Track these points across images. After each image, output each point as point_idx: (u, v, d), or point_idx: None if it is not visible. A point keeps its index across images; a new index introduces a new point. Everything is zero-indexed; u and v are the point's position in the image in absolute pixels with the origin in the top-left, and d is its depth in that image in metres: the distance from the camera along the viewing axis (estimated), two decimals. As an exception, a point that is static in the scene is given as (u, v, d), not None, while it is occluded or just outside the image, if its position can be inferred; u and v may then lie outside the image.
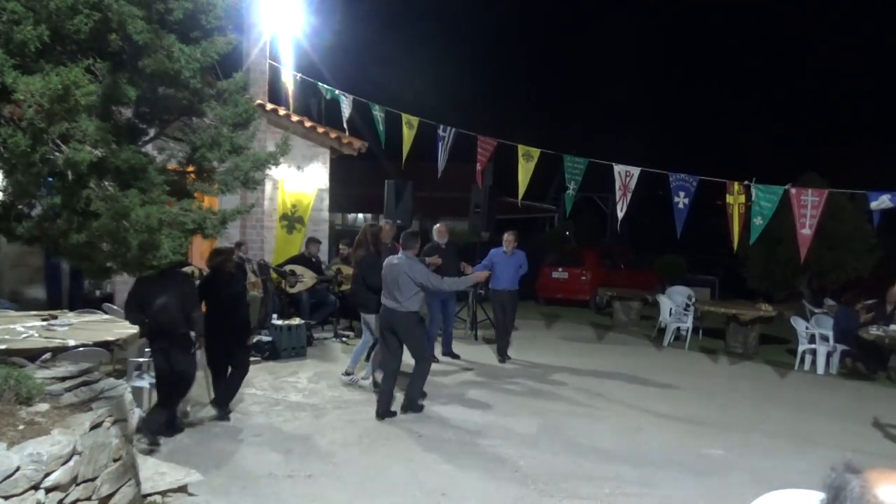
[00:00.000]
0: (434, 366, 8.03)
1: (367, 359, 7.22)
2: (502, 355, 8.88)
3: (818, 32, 25.38)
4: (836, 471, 1.12)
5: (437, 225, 8.99)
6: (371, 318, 6.93)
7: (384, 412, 6.04)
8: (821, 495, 1.14)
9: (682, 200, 7.84)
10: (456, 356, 8.83)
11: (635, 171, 8.11)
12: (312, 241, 10.16)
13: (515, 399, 6.99)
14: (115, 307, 7.55)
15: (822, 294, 13.50)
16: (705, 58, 29.45)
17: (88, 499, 3.04)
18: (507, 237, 8.85)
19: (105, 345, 5.02)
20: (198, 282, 6.29)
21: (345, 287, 9.62)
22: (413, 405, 6.24)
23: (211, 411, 5.93)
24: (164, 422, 5.14)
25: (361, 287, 6.95)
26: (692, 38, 29.76)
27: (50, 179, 3.26)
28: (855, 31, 25.92)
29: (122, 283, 8.45)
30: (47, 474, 2.74)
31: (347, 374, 7.23)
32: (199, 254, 10.38)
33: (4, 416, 2.97)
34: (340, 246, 10.80)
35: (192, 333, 5.24)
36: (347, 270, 9.48)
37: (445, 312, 8.77)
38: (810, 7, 26.04)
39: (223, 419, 5.77)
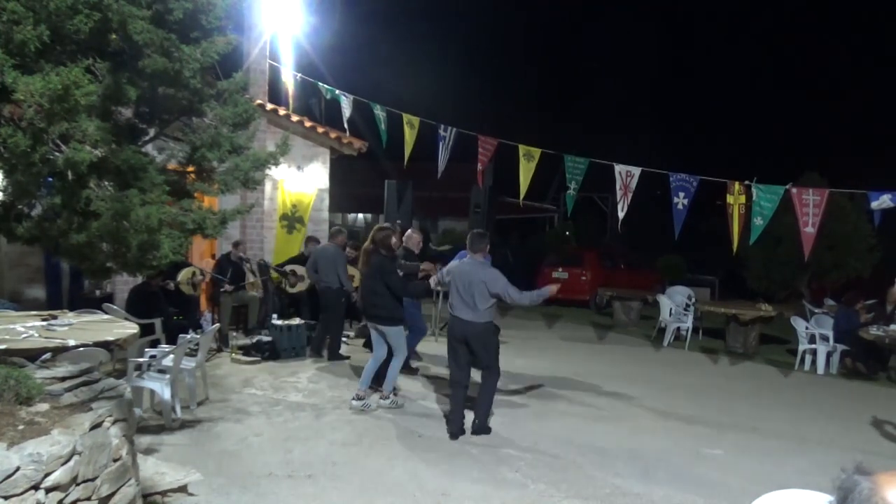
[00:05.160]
0: (433, 366, 8.06)
1: (377, 379, 6.48)
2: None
3: (819, 32, 25.39)
4: (846, 472, 1.12)
5: (410, 231, 8.13)
6: (391, 331, 6.34)
7: (458, 431, 5.58)
8: (821, 495, 1.14)
9: (681, 201, 7.84)
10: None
11: (636, 171, 8.12)
12: (312, 241, 10.14)
13: (515, 399, 6.99)
14: (115, 307, 7.55)
15: (822, 294, 13.51)
16: (706, 57, 29.50)
17: (88, 499, 3.04)
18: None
19: (105, 345, 5.01)
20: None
21: (298, 288, 9.53)
22: (483, 426, 5.71)
23: (210, 411, 5.95)
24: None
25: (384, 296, 6.27)
26: (693, 38, 29.80)
27: (50, 179, 3.26)
28: (855, 31, 25.94)
29: (123, 283, 8.47)
30: (47, 474, 2.73)
31: (359, 398, 6.29)
32: (198, 254, 10.40)
33: (4, 416, 2.96)
34: (347, 249, 10.77)
35: None
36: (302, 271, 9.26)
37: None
38: (811, 7, 26.07)
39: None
